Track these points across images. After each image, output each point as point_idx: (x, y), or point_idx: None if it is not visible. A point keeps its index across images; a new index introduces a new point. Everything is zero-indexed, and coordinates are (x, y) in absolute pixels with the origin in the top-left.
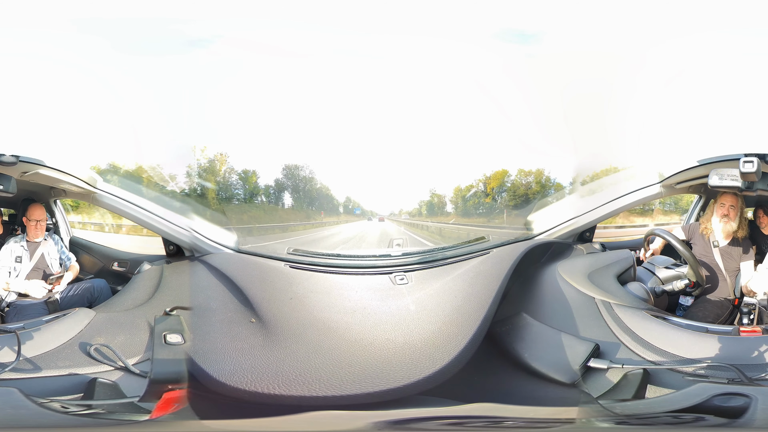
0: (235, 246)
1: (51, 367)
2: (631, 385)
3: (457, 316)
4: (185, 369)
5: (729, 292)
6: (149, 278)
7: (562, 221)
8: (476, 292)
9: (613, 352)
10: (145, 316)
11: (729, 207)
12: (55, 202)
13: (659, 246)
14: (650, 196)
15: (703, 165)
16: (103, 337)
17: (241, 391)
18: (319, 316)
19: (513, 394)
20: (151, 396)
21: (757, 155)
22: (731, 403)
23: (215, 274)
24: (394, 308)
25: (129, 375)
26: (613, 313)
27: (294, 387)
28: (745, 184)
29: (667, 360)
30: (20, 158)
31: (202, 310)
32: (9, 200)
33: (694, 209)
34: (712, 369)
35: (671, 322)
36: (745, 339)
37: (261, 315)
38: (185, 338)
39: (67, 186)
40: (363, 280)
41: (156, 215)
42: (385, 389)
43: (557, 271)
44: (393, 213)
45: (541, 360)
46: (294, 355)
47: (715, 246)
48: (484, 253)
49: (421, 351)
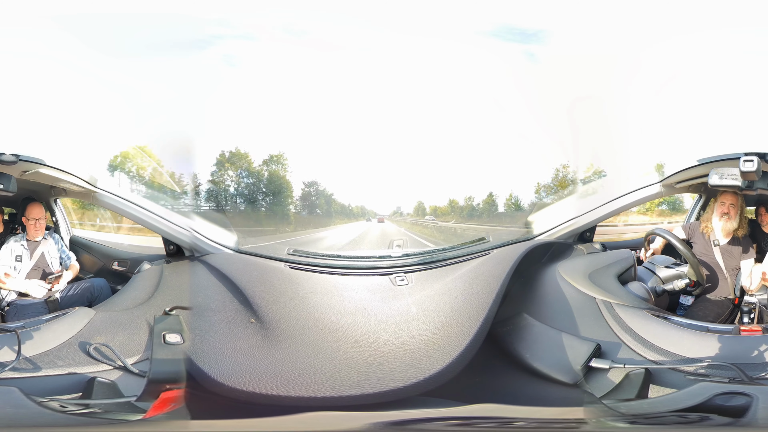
0: (235, 246)
1: (51, 366)
2: (633, 385)
3: (458, 317)
4: (184, 369)
5: (729, 291)
6: (149, 278)
7: (562, 221)
8: (477, 293)
9: (614, 351)
10: (145, 315)
11: (729, 206)
12: (56, 201)
13: (660, 245)
14: (650, 196)
15: (703, 164)
16: (103, 337)
17: (240, 392)
18: (319, 316)
19: (515, 395)
20: (148, 395)
21: (757, 154)
22: (732, 402)
23: (215, 274)
24: (394, 309)
25: (128, 374)
26: (614, 312)
27: (293, 388)
28: (745, 183)
29: (668, 359)
30: (20, 157)
31: (202, 310)
32: (9, 199)
33: (695, 208)
34: (714, 368)
35: (672, 321)
36: (745, 338)
37: (261, 315)
38: (184, 338)
39: (68, 185)
40: (363, 281)
41: (156, 215)
42: (385, 390)
43: (558, 272)
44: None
45: (542, 360)
46: (294, 356)
47: (716, 245)
48: (485, 253)
49: (421, 352)
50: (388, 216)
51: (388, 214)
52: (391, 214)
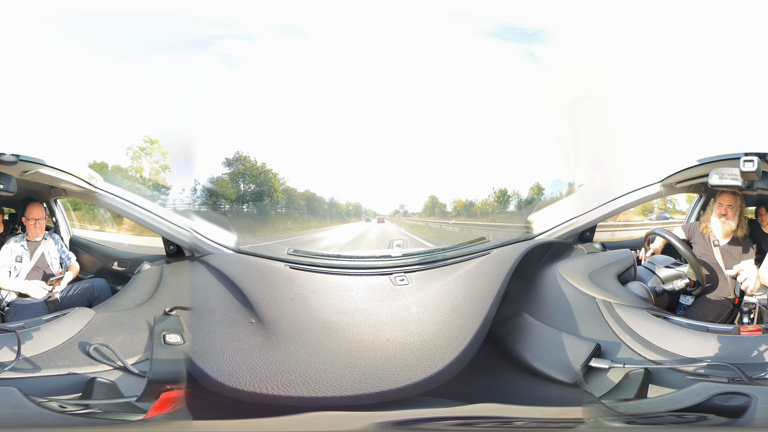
0: (235, 246)
1: (50, 366)
2: (633, 385)
3: (458, 317)
4: (184, 369)
5: (729, 291)
6: (149, 278)
7: (562, 221)
8: (477, 293)
9: (614, 351)
10: (145, 315)
11: (727, 206)
12: (56, 202)
13: (659, 245)
14: (650, 196)
15: (703, 164)
16: (103, 337)
17: (240, 392)
18: (319, 316)
19: (516, 395)
20: (148, 396)
21: (757, 154)
22: (731, 402)
23: (215, 275)
24: (394, 309)
25: (128, 375)
26: (613, 312)
27: (293, 388)
28: (745, 183)
29: (668, 359)
30: (20, 157)
31: (202, 310)
32: (9, 199)
33: (695, 208)
34: (713, 368)
35: (672, 321)
36: (745, 338)
37: (261, 316)
38: (184, 338)
39: (68, 185)
40: (363, 281)
41: (156, 215)
42: (385, 390)
43: (558, 271)
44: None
45: (542, 360)
46: (294, 356)
47: (716, 245)
48: (485, 253)
49: (421, 352)
50: (389, 216)
51: (389, 214)
52: (392, 213)
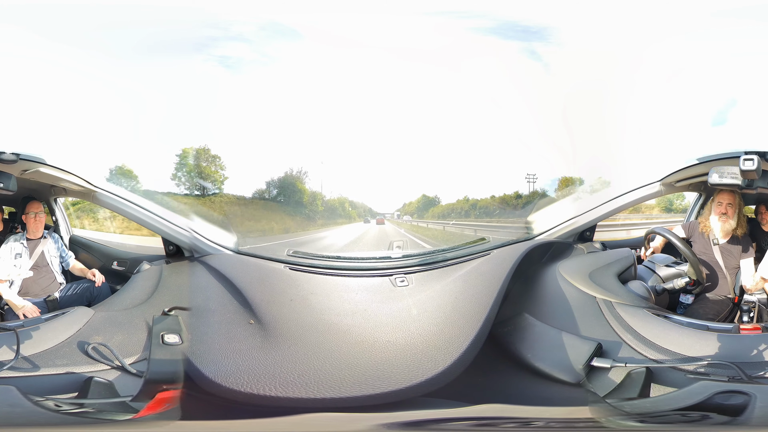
0: (234, 247)
1: (49, 365)
2: (635, 384)
3: (459, 318)
4: (181, 369)
5: (729, 290)
6: (148, 278)
7: (562, 221)
8: (477, 293)
9: (615, 350)
10: (144, 315)
11: (726, 205)
12: (56, 201)
13: (659, 244)
14: (650, 195)
15: (703, 163)
16: (102, 336)
17: (238, 393)
18: (318, 318)
19: (517, 395)
20: (144, 395)
21: (757, 153)
22: (731, 400)
23: (214, 275)
24: (394, 310)
25: (126, 374)
26: (614, 311)
27: (293, 389)
28: (745, 181)
29: (668, 358)
30: (20, 156)
31: (201, 310)
32: (9, 198)
33: (694, 207)
34: (713, 367)
35: (672, 320)
36: (745, 337)
37: (260, 316)
38: (183, 338)
39: (68, 185)
40: (363, 282)
41: (156, 215)
42: (386, 391)
43: (558, 271)
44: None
45: (544, 360)
46: (293, 357)
47: (715, 244)
48: (485, 254)
49: (422, 353)
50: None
51: (389, 214)
52: (392, 214)
